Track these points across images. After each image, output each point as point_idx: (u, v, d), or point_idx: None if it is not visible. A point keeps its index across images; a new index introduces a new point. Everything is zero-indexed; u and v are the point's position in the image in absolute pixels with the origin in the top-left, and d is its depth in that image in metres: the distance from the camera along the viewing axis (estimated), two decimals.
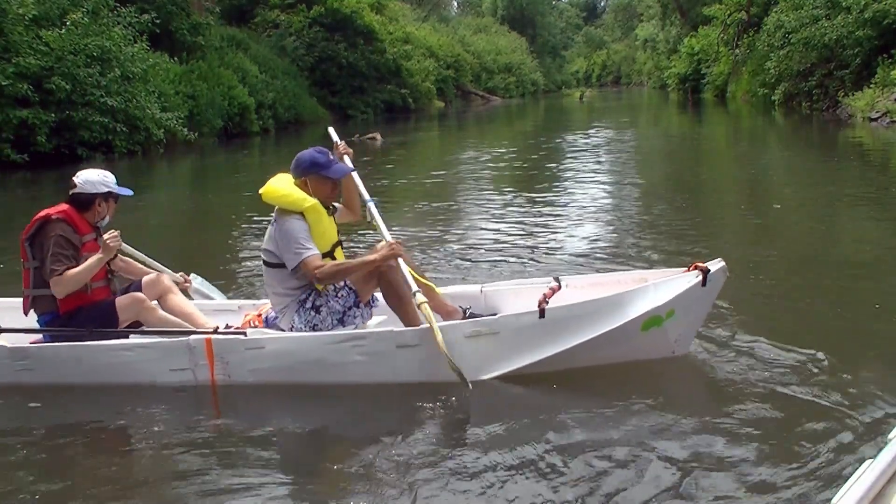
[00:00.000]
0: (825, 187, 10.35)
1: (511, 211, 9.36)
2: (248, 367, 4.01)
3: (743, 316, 4.83)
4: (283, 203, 4.06)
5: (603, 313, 3.88)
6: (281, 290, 4.14)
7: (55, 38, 15.82)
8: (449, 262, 6.70)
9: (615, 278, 4.42)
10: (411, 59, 39.15)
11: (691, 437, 3.35)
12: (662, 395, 3.79)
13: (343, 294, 4.12)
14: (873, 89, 19.62)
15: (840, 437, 3.26)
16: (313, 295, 4.11)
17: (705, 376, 3.98)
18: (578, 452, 3.24)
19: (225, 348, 4.01)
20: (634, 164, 14.50)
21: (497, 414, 3.62)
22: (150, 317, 4.24)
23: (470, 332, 3.87)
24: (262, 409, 3.92)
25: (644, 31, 67.17)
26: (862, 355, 4.12)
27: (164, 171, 16.83)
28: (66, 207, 4.30)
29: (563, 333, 3.86)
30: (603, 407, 3.69)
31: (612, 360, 3.95)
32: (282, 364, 3.98)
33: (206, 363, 4.02)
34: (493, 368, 3.89)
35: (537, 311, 3.86)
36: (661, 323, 3.91)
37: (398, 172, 14.71)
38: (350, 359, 3.93)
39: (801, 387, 3.77)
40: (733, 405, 3.61)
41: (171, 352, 4.06)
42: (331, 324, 4.10)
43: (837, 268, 6.17)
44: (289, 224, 4.00)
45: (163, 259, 4.90)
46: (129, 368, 4.07)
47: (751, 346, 4.32)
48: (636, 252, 6.82)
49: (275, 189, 4.09)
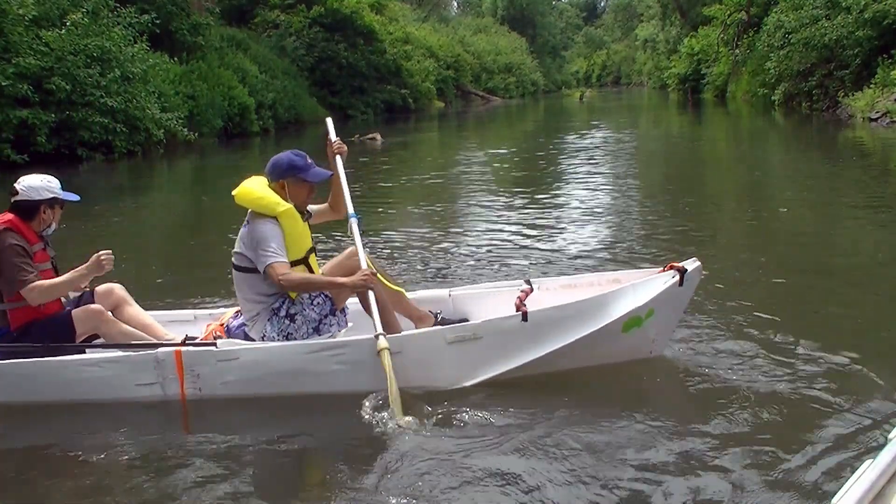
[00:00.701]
0: (827, 190, 10.36)
1: (506, 213, 9.32)
2: (221, 380, 3.80)
3: (742, 317, 4.83)
4: (257, 206, 3.92)
5: (585, 315, 3.84)
6: (252, 295, 3.98)
7: (55, 38, 15.83)
8: (427, 264, 6.60)
9: (588, 280, 4.40)
10: (411, 59, 39.17)
11: (688, 437, 3.34)
12: (653, 397, 3.81)
13: (319, 302, 3.98)
14: (873, 89, 19.62)
15: (840, 437, 3.26)
16: (287, 302, 3.96)
17: (704, 377, 3.97)
18: (566, 458, 3.18)
19: (196, 361, 3.80)
20: (634, 167, 14.49)
21: (478, 421, 3.51)
22: (111, 330, 4.00)
23: (453, 337, 3.77)
24: (235, 423, 3.72)
25: (644, 31, 67.19)
26: (862, 355, 4.11)
27: (164, 172, 16.83)
28: (10, 217, 3.96)
29: (546, 336, 3.81)
30: (590, 410, 3.64)
31: (592, 362, 3.91)
32: (257, 375, 3.79)
33: (175, 377, 3.80)
34: (476, 374, 3.80)
35: (520, 315, 3.79)
36: (641, 323, 3.91)
37: (396, 172, 14.73)
38: (329, 368, 3.77)
39: (801, 387, 3.77)
40: (732, 405, 3.60)
41: (138, 366, 3.83)
42: (306, 332, 3.95)
43: (837, 269, 6.17)
44: (262, 227, 3.87)
45: (159, 259, 4.86)
46: (90, 385, 3.83)
47: (752, 346, 4.32)
48: (637, 255, 6.81)
49: (249, 191, 3.96)
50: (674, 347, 4.28)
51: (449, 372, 3.75)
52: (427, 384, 3.74)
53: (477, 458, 3.20)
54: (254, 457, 3.44)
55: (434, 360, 3.77)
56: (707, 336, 4.50)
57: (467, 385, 3.79)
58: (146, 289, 5.72)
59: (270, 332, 3.95)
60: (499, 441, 3.34)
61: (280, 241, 3.86)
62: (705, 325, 4.71)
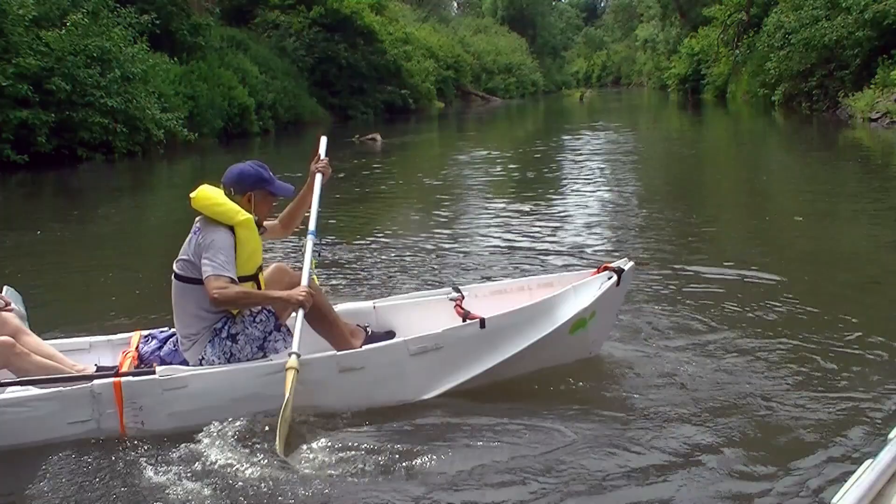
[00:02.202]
0: (830, 193, 10.36)
1: (504, 216, 9.33)
2: (166, 411, 3.44)
3: (752, 316, 4.84)
4: (215, 212, 3.62)
5: (538, 319, 3.85)
6: (195, 311, 3.63)
7: (55, 38, 15.82)
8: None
9: (518, 284, 4.39)
10: (411, 59, 39.11)
11: (685, 438, 3.34)
12: (645, 399, 3.75)
13: (262, 318, 3.69)
14: (873, 90, 19.63)
15: (840, 437, 3.26)
16: (229, 322, 3.66)
17: (703, 378, 3.98)
18: (549, 467, 3.14)
19: (139, 392, 3.42)
20: (633, 169, 14.47)
21: (441, 434, 3.40)
22: (24, 363, 3.58)
23: (415, 349, 3.65)
24: (183, 455, 3.26)
25: (644, 31, 67.10)
26: (862, 356, 4.12)
27: (164, 172, 16.83)
28: None
29: (503, 342, 3.78)
30: (545, 417, 3.55)
31: (541, 365, 3.93)
32: (208, 403, 3.45)
33: (113, 411, 3.41)
34: (438, 385, 3.71)
35: (478, 322, 3.74)
36: (585, 325, 3.96)
37: (387, 174, 14.72)
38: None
39: (800, 387, 3.78)
40: (732, 406, 3.60)
41: (70, 402, 3.40)
42: (251, 352, 3.66)
43: (837, 270, 6.18)
44: (214, 235, 3.57)
45: (154, 261, 4.69)
46: (11, 427, 3.36)
47: (754, 348, 4.33)
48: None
49: (209, 196, 3.66)
50: (694, 349, 4.27)
51: (411, 385, 3.64)
52: (390, 400, 3.61)
53: (438, 472, 3.08)
54: (204, 489, 3.02)
55: (396, 375, 3.64)
56: (708, 335, 4.50)
57: (429, 397, 3.68)
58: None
59: (210, 355, 3.63)
60: (459, 453, 3.22)
61: (231, 253, 3.56)
62: (706, 325, 4.71)
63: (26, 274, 6.61)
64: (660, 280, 5.77)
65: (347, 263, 6.70)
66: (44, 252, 7.94)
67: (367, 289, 5.80)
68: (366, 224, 8.99)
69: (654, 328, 4.69)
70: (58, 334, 4.29)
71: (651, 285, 5.63)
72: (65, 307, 5.81)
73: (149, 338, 3.90)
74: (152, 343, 3.85)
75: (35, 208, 11.68)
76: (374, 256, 6.97)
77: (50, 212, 11.25)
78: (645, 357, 4.23)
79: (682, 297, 5.31)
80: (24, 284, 4.62)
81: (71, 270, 7.18)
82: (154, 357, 3.75)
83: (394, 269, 6.47)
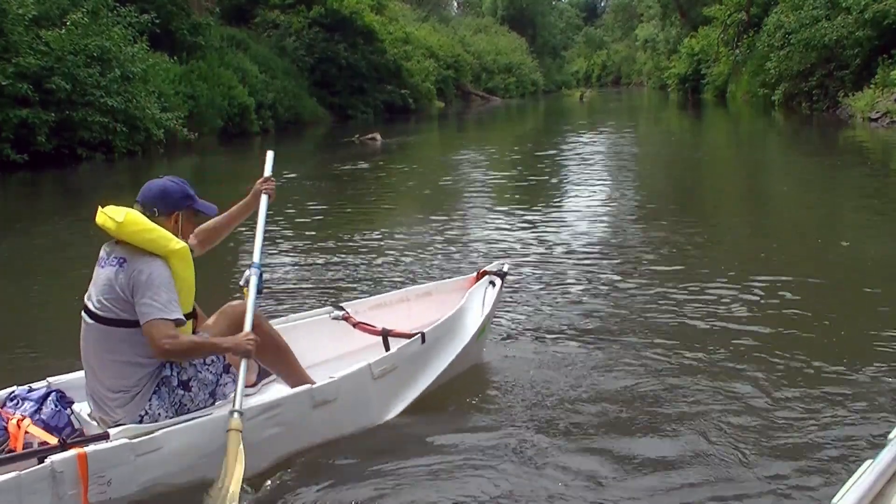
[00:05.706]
0: (833, 196, 10.36)
1: (507, 218, 9.34)
2: (139, 480, 2.87)
3: (752, 316, 4.84)
4: (145, 239, 3.01)
5: (459, 327, 3.97)
6: (132, 358, 3.04)
7: (55, 38, 15.81)
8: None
9: (398, 296, 4.42)
10: (411, 59, 39.08)
11: (683, 438, 3.34)
12: (645, 399, 3.76)
13: (212, 360, 3.24)
14: (873, 90, 19.64)
15: (840, 437, 3.26)
16: (177, 368, 3.13)
17: (702, 378, 3.98)
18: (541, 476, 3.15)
19: (108, 463, 2.81)
20: (634, 171, 14.45)
21: (407, 452, 3.32)
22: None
23: (378, 371, 3.53)
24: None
25: (644, 31, 67.10)
26: (862, 356, 4.11)
27: (165, 172, 16.76)
28: None
29: (439, 353, 3.87)
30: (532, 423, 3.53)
31: (460, 370, 3.98)
32: (184, 463, 2.95)
33: (77, 490, 2.74)
34: (397, 404, 3.64)
35: (419, 337, 3.74)
36: (485, 329, 4.12)
37: (383, 174, 14.72)
38: (265, 434, 3.14)
39: (800, 387, 3.78)
40: (732, 406, 3.60)
41: (24, 488, 2.65)
42: (203, 400, 3.19)
43: (837, 271, 6.18)
44: (151, 268, 2.99)
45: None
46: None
47: (754, 348, 4.32)
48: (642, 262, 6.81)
49: (137, 220, 3.01)
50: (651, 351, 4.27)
51: (375, 409, 3.55)
52: (356, 427, 3.46)
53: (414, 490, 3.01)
54: None
55: (362, 400, 3.50)
56: (708, 336, 4.50)
57: (389, 418, 3.58)
58: None
59: (157, 408, 3.07)
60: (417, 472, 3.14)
61: (172, 289, 3.01)
62: (706, 325, 4.72)
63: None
64: (659, 281, 5.76)
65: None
66: None
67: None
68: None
69: (655, 329, 4.68)
70: None
71: (648, 288, 5.62)
72: None
73: (16, 399, 3.06)
74: (26, 406, 3.01)
75: (35, 208, 11.67)
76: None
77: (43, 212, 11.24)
78: (645, 357, 4.23)
79: (683, 297, 5.31)
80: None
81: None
82: (38, 423, 2.95)
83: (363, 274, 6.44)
